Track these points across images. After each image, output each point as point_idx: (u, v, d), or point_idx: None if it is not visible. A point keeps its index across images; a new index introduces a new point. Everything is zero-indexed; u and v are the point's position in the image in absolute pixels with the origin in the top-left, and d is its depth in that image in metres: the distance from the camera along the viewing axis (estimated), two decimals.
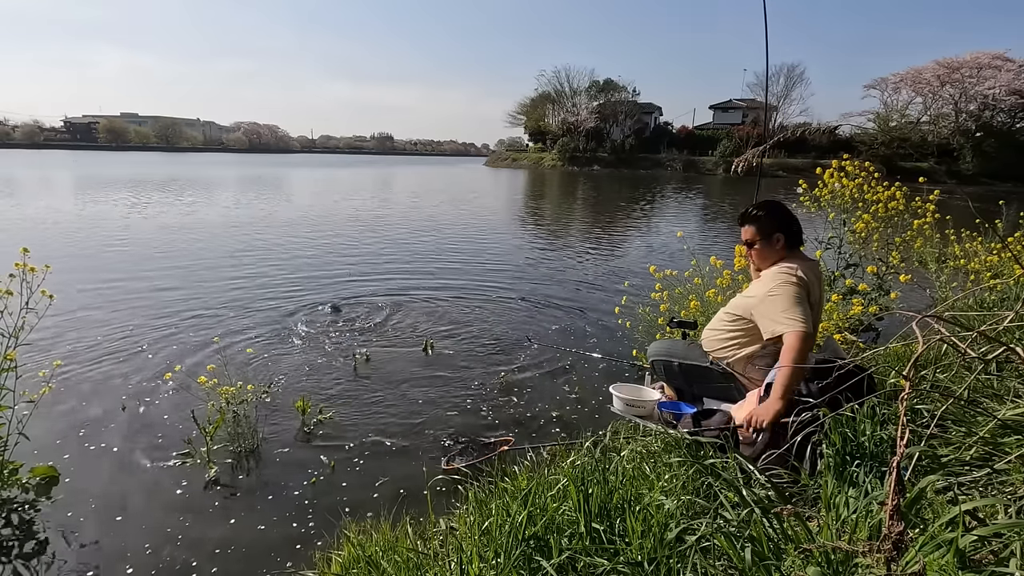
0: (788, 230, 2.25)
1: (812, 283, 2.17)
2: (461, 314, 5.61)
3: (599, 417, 3.33)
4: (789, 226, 2.26)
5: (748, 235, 2.30)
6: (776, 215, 2.27)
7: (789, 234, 2.25)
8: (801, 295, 2.09)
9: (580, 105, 47.17)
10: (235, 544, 2.35)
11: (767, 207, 2.31)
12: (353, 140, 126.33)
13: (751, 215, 2.30)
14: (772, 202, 2.37)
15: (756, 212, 2.29)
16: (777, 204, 2.34)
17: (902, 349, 2.67)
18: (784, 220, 2.26)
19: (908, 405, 1.11)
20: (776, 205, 2.33)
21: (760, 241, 2.26)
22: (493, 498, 1.80)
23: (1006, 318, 1.33)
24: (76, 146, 75.10)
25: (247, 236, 10.34)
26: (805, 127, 41.18)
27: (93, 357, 4.22)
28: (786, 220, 2.27)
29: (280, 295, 6.15)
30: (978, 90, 35.79)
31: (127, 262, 7.81)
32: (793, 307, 2.05)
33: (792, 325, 1.99)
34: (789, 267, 2.16)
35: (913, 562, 0.97)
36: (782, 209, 2.31)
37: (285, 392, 3.70)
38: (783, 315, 2.04)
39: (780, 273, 2.15)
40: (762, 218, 2.27)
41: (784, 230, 2.24)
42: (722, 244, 10.31)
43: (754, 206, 2.33)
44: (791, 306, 2.05)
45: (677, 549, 1.27)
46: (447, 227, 12.42)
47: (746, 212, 2.33)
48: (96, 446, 3.04)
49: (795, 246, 2.27)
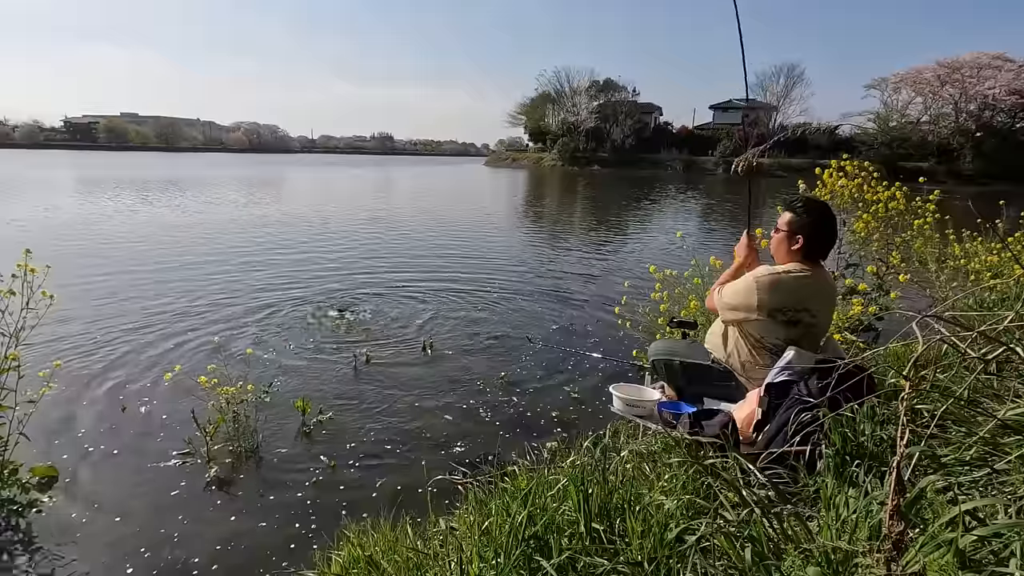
0: (813, 239, 2.18)
1: (801, 296, 2.12)
2: (461, 314, 5.61)
3: (599, 417, 3.33)
4: (817, 237, 2.19)
5: (780, 221, 2.26)
6: (813, 221, 2.19)
7: (810, 243, 2.17)
8: (750, 297, 2.14)
9: (580, 105, 47.15)
10: (235, 544, 2.35)
11: (812, 209, 2.22)
12: (353, 140, 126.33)
13: (795, 206, 2.24)
14: (820, 207, 2.27)
15: (799, 207, 2.23)
16: (822, 212, 2.24)
17: (902, 349, 2.66)
18: (815, 229, 2.18)
19: (908, 405, 1.11)
20: (821, 212, 2.23)
21: (785, 233, 2.24)
22: (493, 498, 1.80)
23: (1006, 318, 1.33)
24: (76, 146, 75.11)
25: (247, 236, 10.35)
26: (805, 127, 41.21)
27: (93, 357, 4.22)
28: (817, 230, 2.18)
29: (280, 295, 6.15)
30: (978, 90, 35.80)
31: (127, 262, 7.81)
32: (733, 293, 2.23)
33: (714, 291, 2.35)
34: (771, 274, 2.15)
35: (913, 562, 0.97)
36: (823, 219, 2.21)
37: (285, 392, 3.70)
38: (724, 288, 2.30)
39: (755, 277, 2.17)
40: (800, 215, 2.21)
41: (809, 238, 2.17)
42: (722, 244, 10.31)
43: (803, 201, 2.26)
44: (732, 292, 2.24)
45: (677, 549, 1.27)
46: (447, 227, 12.43)
47: (792, 200, 2.28)
48: (96, 446, 3.04)
49: (812, 256, 2.20)
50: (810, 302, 2.14)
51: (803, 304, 2.13)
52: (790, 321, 2.13)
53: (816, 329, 2.17)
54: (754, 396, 2.05)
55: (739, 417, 2.05)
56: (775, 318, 2.13)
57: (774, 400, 1.93)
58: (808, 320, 2.13)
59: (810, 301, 2.14)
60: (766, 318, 2.14)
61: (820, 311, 2.18)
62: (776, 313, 2.13)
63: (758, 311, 2.15)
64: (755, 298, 2.14)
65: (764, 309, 2.13)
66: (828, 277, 2.30)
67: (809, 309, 2.13)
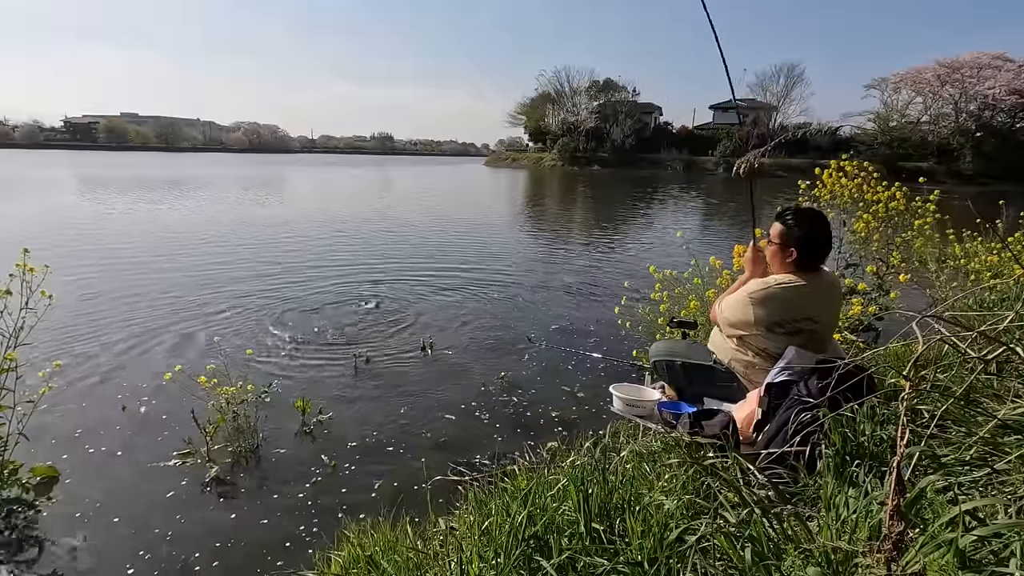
0: (806, 250, 2.15)
1: (798, 305, 2.09)
2: (461, 314, 5.61)
3: (599, 417, 3.33)
4: (810, 247, 2.15)
5: (772, 232, 2.23)
6: (803, 233, 2.15)
7: (804, 254, 2.15)
8: (746, 313, 2.15)
9: (580, 105, 47.18)
10: (235, 544, 2.35)
11: (802, 220, 2.18)
12: (353, 140, 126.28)
13: (784, 218, 2.20)
14: (810, 217, 2.21)
15: (789, 218, 2.19)
16: (813, 221, 2.19)
17: (902, 349, 2.66)
18: (807, 240, 2.15)
19: (908, 405, 1.11)
20: (811, 222, 2.18)
21: (777, 246, 2.20)
22: (493, 498, 1.80)
23: (1006, 318, 1.33)
24: (76, 146, 75.12)
25: (247, 236, 10.35)
26: (805, 127, 41.20)
27: (93, 357, 4.22)
28: (809, 240, 2.15)
29: (281, 295, 6.15)
30: (978, 90, 35.81)
31: (127, 262, 7.81)
32: (731, 308, 2.24)
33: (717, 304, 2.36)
34: (763, 288, 2.14)
35: (913, 562, 0.97)
36: (814, 229, 2.17)
37: (285, 392, 3.70)
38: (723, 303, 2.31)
39: (748, 293, 2.16)
40: (791, 227, 2.17)
41: (802, 249, 2.14)
42: (721, 244, 10.31)
43: (793, 212, 2.21)
44: (730, 308, 2.25)
45: (677, 549, 1.27)
46: (447, 227, 12.43)
47: (783, 211, 2.24)
48: (96, 446, 3.04)
49: (808, 266, 2.17)
50: (810, 309, 2.12)
51: (803, 313, 2.11)
52: (790, 332, 2.11)
53: (820, 332, 2.16)
54: (754, 396, 2.05)
55: (739, 417, 2.05)
56: (774, 331, 2.12)
57: (774, 400, 1.93)
58: (810, 327, 2.12)
59: (809, 308, 2.12)
60: (765, 332, 2.14)
61: (822, 315, 2.17)
62: (775, 327, 2.12)
63: (756, 326, 2.15)
64: (751, 314, 2.14)
65: (762, 324, 2.13)
66: (829, 279, 2.28)
67: (811, 317, 2.11)
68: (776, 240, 2.21)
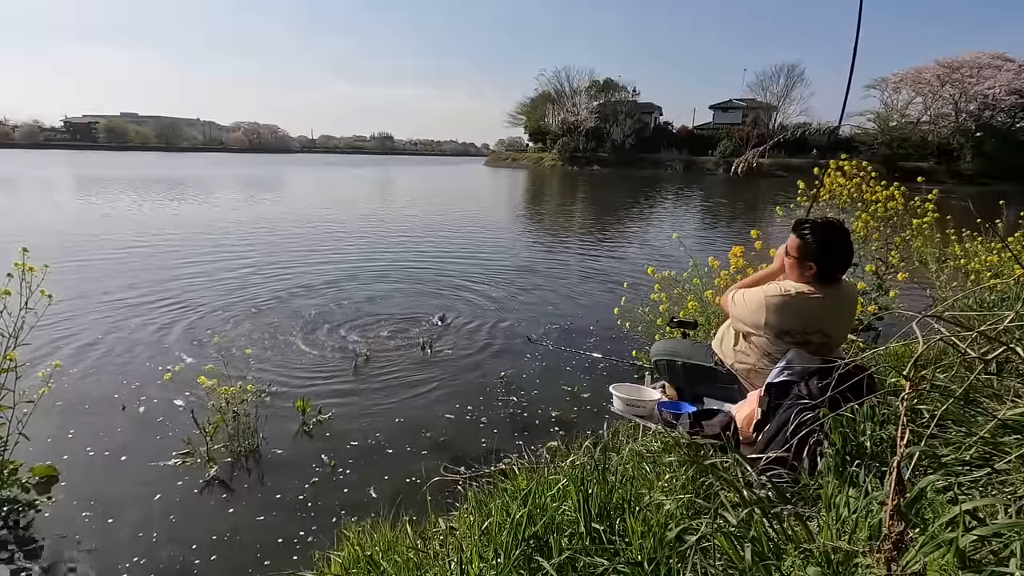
0: (826, 264, 2.08)
1: (811, 318, 2.06)
2: (461, 314, 5.61)
3: (599, 417, 3.32)
4: (830, 262, 2.09)
5: (790, 246, 2.15)
6: (821, 247, 2.07)
7: (824, 269, 2.08)
8: (758, 315, 2.11)
9: (580, 105, 47.16)
10: (234, 544, 2.35)
11: (819, 234, 2.08)
12: (353, 140, 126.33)
13: (802, 231, 2.11)
14: (829, 230, 2.11)
15: (807, 233, 2.10)
16: (831, 235, 2.09)
17: (902, 349, 2.66)
18: (826, 255, 2.07)
19: (908, 405, 1.11)
20: (830, 235, 2.09)
21: (795, 259, 2.13)
22: (493, 498, 1.80)
23: (1006, 318, 1.33)
24: (76, 146, 75.11)
25: (247, 236, 10.34)
26: (805, 127, 41.16)
27: (93, 357, 4.22)
28: (828, 255, 2.07)
29: (281, 295, 6.15)
30: (978, 90, 35.82)
31: (127, 262, 7.80)
32: (744, 305, 2.19)
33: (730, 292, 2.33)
34: (781, 295, 2.09)
35: (913, 562, 0.97)
36: (833, 242, 2.08)
37: (285, 392, 3.70)
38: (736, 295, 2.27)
39: (766, 295, 2.11)
40: (808, 242, 2.08)
41: (821, 264, 2.08)
42: (721, 244, 10.31)
43: (811, 225, 2.12)
44: (743, 304, 2.20)
45: (677, 549, 1.27)
46: (447, 227, 12.43)
47: (800, 223, 2.16)
48: (96, 446, 3.04)
49: (828, 279, 2.10)
50: (823, 323, 2.08)
51: (815, 326, 2.07)
52: (799, 342, 2.08)
53: (829, 345, 2.12)
54: (754, 396, 2.04)
55: (739, 417, 2.05)
56: (783, 339, 2.10)
57: (774, 400, 1.93)
58: (819, 340, 2.08)
59: (823, 321, 2.08)
60: (773, 337, 2.11)
61: (835, 329, 2.15)
62: (784, 335, 2.09)
63: (765, 329, 2.12)
64: (763, 317, 2.11)
65: (772, 329, 2.10)
66: (847, 291, 2.21)
67: (823, 330, 2.08)
68: (794, 254, 2.13)
